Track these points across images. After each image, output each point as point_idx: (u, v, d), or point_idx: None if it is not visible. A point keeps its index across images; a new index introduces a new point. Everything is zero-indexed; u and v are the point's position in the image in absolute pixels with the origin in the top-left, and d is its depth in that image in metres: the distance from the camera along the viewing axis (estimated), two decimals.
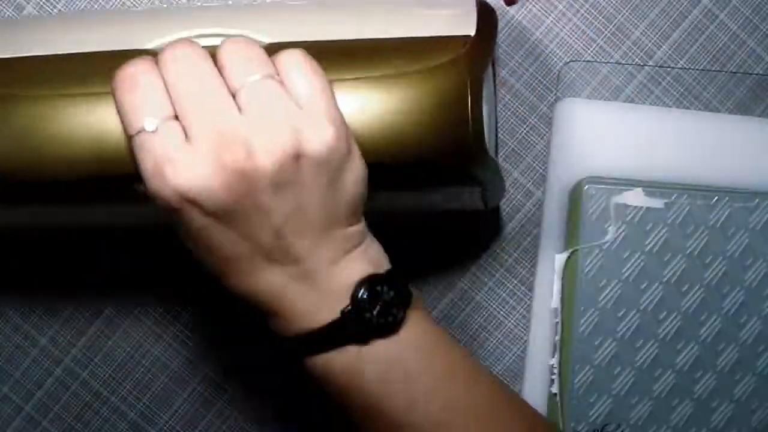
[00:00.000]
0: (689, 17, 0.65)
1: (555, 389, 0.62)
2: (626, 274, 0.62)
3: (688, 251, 0.62)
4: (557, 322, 0.63)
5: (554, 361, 0.62)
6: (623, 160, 0.63)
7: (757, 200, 0.61)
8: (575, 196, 0.62)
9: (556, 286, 0.63)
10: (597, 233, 0.62)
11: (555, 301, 0.63)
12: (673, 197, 0.62)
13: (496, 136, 0.61)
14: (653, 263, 0.62)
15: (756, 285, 0.62)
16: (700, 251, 0.62)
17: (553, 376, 0.62)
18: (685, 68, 0.65)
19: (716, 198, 0.61)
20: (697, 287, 0.62)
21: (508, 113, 0.65)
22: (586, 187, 0.62)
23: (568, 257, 0.62)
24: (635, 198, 0.62)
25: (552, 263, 0.63)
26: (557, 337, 0.62)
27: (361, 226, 0.48)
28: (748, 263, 0.62)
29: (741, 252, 0.62)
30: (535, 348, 0.64)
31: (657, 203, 0.62)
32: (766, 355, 0.62)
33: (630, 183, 0.62)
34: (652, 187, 0.62)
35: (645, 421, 0.62)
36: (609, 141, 0.63)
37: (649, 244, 0.62)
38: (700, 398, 0.62)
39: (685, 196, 0.61)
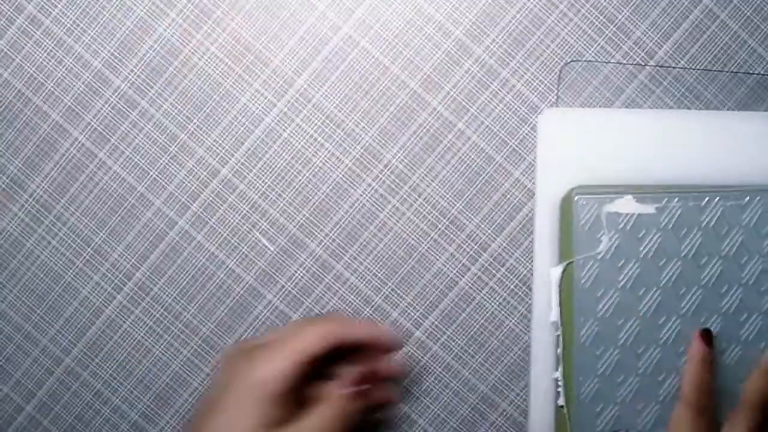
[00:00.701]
0: (690, 17, 0.65)
1: (561, 401, 0.62)
2: (623, 282, 0.62)
3: (683, 254, 0.62)
4: (558, 335, 0.63)
5: (558, 374, 0.62)
6: (610, 165, 0.63)
7: (748, 197, 0.61)
8: (566, 207, 0.62)
9: (554, 300, 0.63)
10: (590, 244, 0.62)
11: (554, 315, 0.63)
12: (663, 201, 0.61)
13: None
14: (649, 269, 0.62)
15: (753, 282, 0.62)
16: (695, 253, 0.62)
17: (559, 389, 0.62)
18: (686, 68, 0.65)
19: (707, 198, 0.61)
20: (695, 289, 0.62)
21: (510, 113, 0.65)
22: (576, 198, 0.62)
23: (564, 270, 0.62)
24: (626, 206, 0.62)
25: (547, 276, 0.63)
26: (559, 350, 0.62)
27: None
28: (743, 261, 0.61)
29: (736, 250, 0.62)
30: (538, 362, 0.64)
31: (648, 209, 0.62)
32: None
33: (619, 190, 0.62)
34: (642, 193, 0.62)
35: (653, 425, 0.62)
36: (594, 148, 0.63)
37: (643, 250, 0.62)
38: None
39: (675, 199, 0.61)
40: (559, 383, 0.62)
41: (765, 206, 0.61)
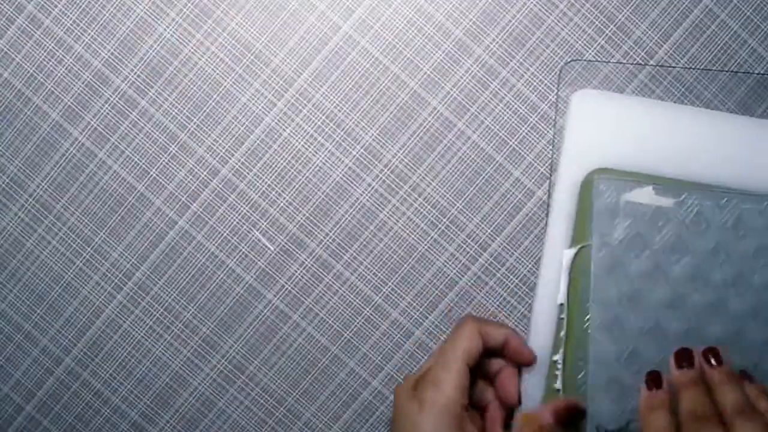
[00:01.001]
0: (690, 17, 0.65)
1: (558, 385, 0.62)
2: (634, 272, 0.62)
3: (697, 251, 0.62)
4: (563, 318, 0.62)
5: (558, 357, 0.62)
6: (636, 153, 0.63)
7: (766, 203, 0.61)
8: (586, 190, 0.62)
9: (563, 282, 0.62)
10: (606, 229, 0.62)
11: (561, 297, 0.62)
12: (683, 196, 0.61)
13: None
14: (662, 261, 0.62)
15: (764, 287, 0.61)
16: (710, 251, 0.62)
17: (557, 372, 0.62)
18: (686, 68, 0.65)
19: (726, 199, 0.61)
20: (705, 287, 0.62)
21: (509, 113, 0.65)
22: (597, 182, 0.61)
23: (576, 253, 0.62)
24: (646, 196, 0.62)
25: (558, 257, 0.63)
26: (562, 333, 0.62)
27: None
28: (757, 266, 0.61)
29: (750, 254, 0.61)
30: (537, 343, 0.63)
31: (667, 202, 0.62)
32: None
33: (641, 179, 0.62)
34: (662, 185, 0.62)
35: None
36: (623, 133, 0.63)
37: (658, 242, 0.62)
38: None
39: (695, 195, 0.61)
40: (559, 366, 0.62)
41: None
